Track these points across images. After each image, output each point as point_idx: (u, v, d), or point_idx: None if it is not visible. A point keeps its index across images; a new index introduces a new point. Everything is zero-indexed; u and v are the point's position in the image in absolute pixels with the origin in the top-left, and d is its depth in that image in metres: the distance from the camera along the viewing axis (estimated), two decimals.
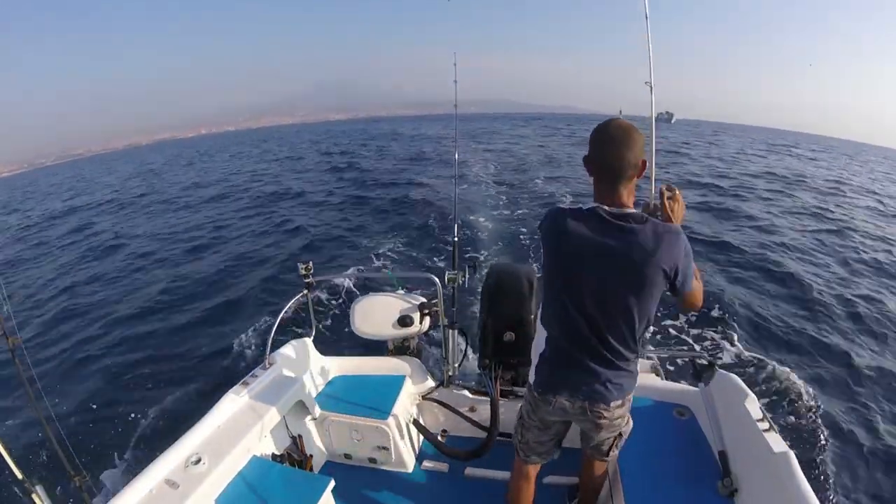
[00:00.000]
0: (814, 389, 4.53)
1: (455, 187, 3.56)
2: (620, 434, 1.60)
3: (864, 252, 9.13)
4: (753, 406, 1.82)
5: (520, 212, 11.07)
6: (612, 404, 1.45)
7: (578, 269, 1.35)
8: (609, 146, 1.31)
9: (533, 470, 1.79)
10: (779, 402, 4.33)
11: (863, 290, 7.16)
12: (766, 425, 1.72)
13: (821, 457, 3.70)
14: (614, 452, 1.65)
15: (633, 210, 1.33)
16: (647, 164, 1.56)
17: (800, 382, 4.58)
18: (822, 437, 3.91)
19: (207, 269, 8.55)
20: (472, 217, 10.11)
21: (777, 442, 1.64)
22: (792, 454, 1.55)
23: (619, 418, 1.52)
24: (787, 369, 4.78)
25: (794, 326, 5.82)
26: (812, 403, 4.31)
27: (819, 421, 4.07)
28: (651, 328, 1.55)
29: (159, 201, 17.56)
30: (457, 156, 4.00)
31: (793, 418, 4.12)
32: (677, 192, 1.48)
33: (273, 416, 2.08)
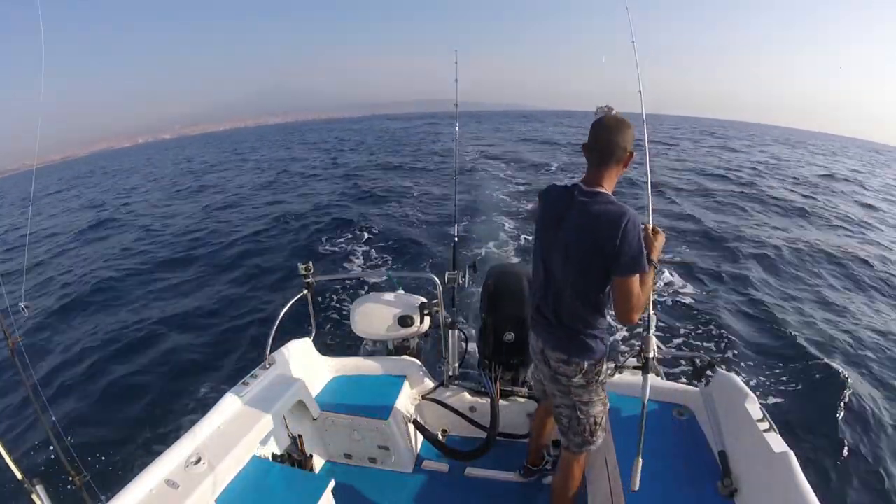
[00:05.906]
0: (814, 390, 4.53)
1: (455, 186, 3.53)
2: (576, 408, 1.68)
3: None
4: (753, 406, 1.81)
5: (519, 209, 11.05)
6: (562, 356, 1.64)
7: (547, 231, 1.61)
8: (602, 131, 1.52)
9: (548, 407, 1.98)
10: (779, 402, 4.33)
11: None
12: (766, 425, 1.71)
13: (822, 457, 3.69)
14: (585, 443, 1.72)
15: (604, 190, 1.52)
16: (645, 159, 1.75)
17: (800, 384, 4.58)
18: (822, 437, 3.90)
19: (206, 270, 8.55)
20: (472, 216, 10.10)
21: (777, 442, 1.63)
22: (792, 454, 1.54)
23: (573, 380, 1.64)
24: (789, 371, 4.78)
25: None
26: (812, 404, 4.30)
27: (820, 421, 4.07)
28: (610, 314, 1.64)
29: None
30: (456, 155, 4.00)
31: (793, 418, 4.11)
32: (660, 230, 1.66)
33: (273, 416, 2.08)
